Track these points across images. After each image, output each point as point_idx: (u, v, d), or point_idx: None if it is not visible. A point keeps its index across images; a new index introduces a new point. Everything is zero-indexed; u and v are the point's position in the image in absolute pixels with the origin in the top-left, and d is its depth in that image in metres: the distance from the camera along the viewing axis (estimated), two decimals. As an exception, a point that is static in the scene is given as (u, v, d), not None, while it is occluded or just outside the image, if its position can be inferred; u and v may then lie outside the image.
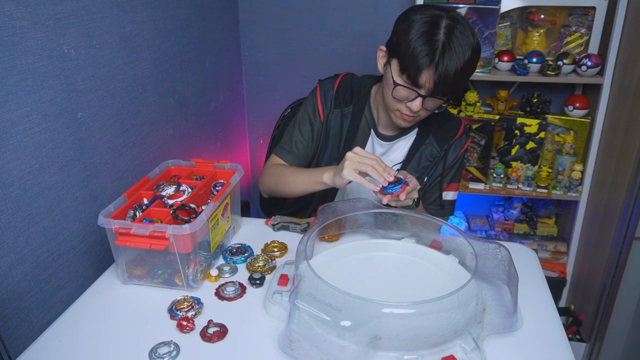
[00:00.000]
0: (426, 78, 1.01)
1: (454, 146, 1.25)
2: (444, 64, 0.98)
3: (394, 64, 1.06)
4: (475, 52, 1.02)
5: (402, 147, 1.25)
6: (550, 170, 1.94)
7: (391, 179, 0.99)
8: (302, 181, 1.16)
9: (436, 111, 1.12)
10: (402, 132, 1.24)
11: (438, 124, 1.23)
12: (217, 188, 1.13)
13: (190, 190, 1.05)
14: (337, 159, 1.24)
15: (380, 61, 1.12)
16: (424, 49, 0.99)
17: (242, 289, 0.97)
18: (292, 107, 1.54)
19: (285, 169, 1.24)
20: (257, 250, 1.11)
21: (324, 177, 1.09)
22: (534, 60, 1.82)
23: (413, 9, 1.05)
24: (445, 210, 1.30)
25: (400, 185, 0.99)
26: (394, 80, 1.06)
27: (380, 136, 1.24)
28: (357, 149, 1.03)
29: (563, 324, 0.94)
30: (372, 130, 1.24)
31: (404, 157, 1.25)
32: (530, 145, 1.95)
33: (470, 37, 1.01)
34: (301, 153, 1.27)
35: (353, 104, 1.23)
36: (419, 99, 1.05)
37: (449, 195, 1.29)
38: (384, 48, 1.11)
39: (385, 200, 1.00)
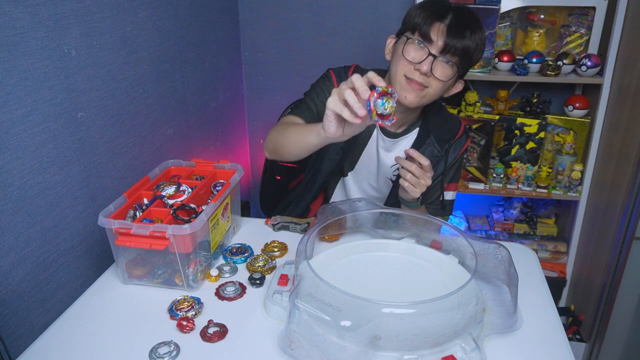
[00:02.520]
0: (438, 32, 1.04)
1: (454, 146, 1.25)
2: (454, 22, 1.04)
3: (404, 36, 1.09)
4: (483, 34, 1.08)
5: (404, 146, 1.25)
6: (550, 170, 1.94)
7: (366, 95, 0.78)
8: (301, 133, 1.04)
9: (443, 80, 1.08)
10: (405, 130, 1.24)
11: (439, 125, 1.24)
12: (217, 188, 1.13)
13: (190, 190, 1.05)
14: (342, 148, 1.24)
15: (389, 47, 1.15)
16: (435, 9, 1.05)
17: (242, 289, 0.97)
18: (292, 107, 1.54)
19: (292, 125, 1.15)
20: (257, 250, 1.11)
21: (318, 126, 0.94)
22: (534, 60, 1.82)
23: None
24: (445, 210, 1.31)
25: (389, 100, 0.77)
26: (406, 36, 1.08)
27: (384, 131, 1.24)
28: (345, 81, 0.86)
29: (563, 324, 0.94)
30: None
31: (405, 157, 1.25)
32: (530, 145, 1.95)
33: (477, 20, 1.07)
34: (319, 113, 1.18)
35: None
36: (430, 59, 1.05)
37: (448, 195, 1.30)
38: (393, 35, 1.15)
39: (379, 123, 0.81)
